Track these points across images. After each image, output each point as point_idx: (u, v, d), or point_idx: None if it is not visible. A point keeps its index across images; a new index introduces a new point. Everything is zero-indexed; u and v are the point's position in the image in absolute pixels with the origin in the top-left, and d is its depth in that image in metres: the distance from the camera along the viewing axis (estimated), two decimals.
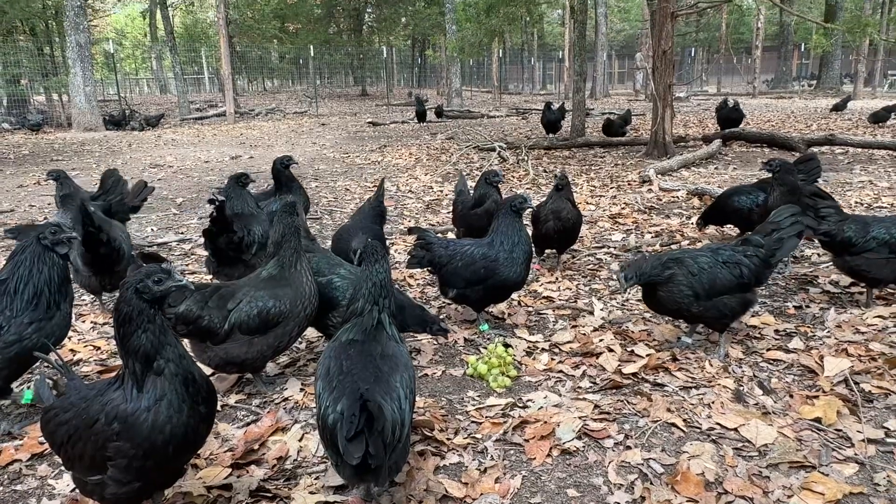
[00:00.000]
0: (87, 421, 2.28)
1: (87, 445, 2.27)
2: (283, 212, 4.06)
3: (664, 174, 9.89)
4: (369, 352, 2.62)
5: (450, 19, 26.06)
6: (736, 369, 3.70)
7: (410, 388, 2.56)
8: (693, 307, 3.76)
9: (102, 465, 2.27)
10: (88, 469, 2.32)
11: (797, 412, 3.21)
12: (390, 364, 2.58)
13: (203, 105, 31.72)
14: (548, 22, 55.41)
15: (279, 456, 3.01)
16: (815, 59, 38.61)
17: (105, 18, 51.93)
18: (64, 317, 3.32)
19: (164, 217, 8.48)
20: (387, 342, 2.70)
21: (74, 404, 2.37)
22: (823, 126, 15.95)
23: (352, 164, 12.82)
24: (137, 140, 18.65)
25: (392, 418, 2.32)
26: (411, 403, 2.54)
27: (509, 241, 4.26)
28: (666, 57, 11.45)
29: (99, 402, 2.29)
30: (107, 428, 2.23)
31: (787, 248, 3.98)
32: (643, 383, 3.59)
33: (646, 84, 29.70)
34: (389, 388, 2.44)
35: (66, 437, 2.33)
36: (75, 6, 20.78)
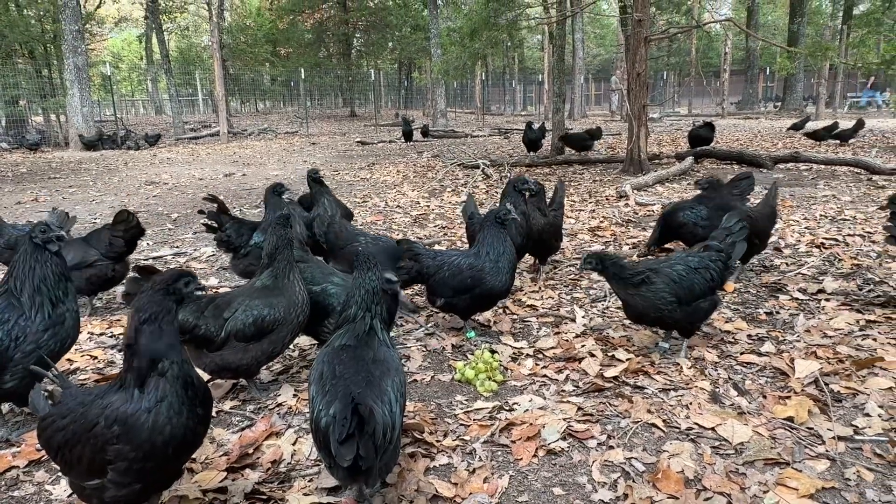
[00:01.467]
0: (86, 425, 2.23)
1: (86, 449, 2.22)
2: (276, 224, 4.05)
3: (640, 189, 9.98)
4: (361, 356, 2.60)
5: (434, 44, 26.25)
6: (712, 372, 3.71)
7: (401, 392, 2.53)
8: (676, 312, 3.80)
9: (102, 469, 2.22)
10: (87, 473, 2.27)
11: (771, 412, 3.22)
12: (381, 368, 2.55)
13: (197, 125, 31.61)
14: (528, 47, 56.03)
15: (273, 459, 2.97)
16: (780, 82, 39.29)
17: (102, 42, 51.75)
18: (74, 318, 3.27)
19: (159, 232, 8.40)
20: (378, 347, 2.68)
21: (72, 409, 2.32)
22: (788, 144, 16.20)
23: (342, 181, 12.80)
24: (133, 159, 18.52)
25: (383, 421, 2.29)
26: (402, 406, 2.51)
27: (495, 252, 4.27)
28: (640, 79, 11.59)
29: (98, 405, 2.25)
30: (107, 431, 2.18)
31: (738, 250, 4.12)
32: (624, 386, 3.59)
33: (621, 105, 30.05)
34: (381, 392, 2.42)
35: (63, 443, 2.27)
36: (73, 30, 20.68)
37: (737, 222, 4.17)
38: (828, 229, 7.02)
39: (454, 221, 8.39)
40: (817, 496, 2.60)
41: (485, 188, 11.23)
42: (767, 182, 10.48)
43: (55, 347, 3.18)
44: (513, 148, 18.51)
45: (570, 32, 29.77)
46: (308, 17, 44.18)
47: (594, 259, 3.98)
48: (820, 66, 22.54)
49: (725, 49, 31.52)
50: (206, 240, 7.79)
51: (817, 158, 12.10)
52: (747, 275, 5.56)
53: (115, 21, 48.92)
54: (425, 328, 4.64)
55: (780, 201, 8.71)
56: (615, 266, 3.93)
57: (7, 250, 5.29)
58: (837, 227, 7.15)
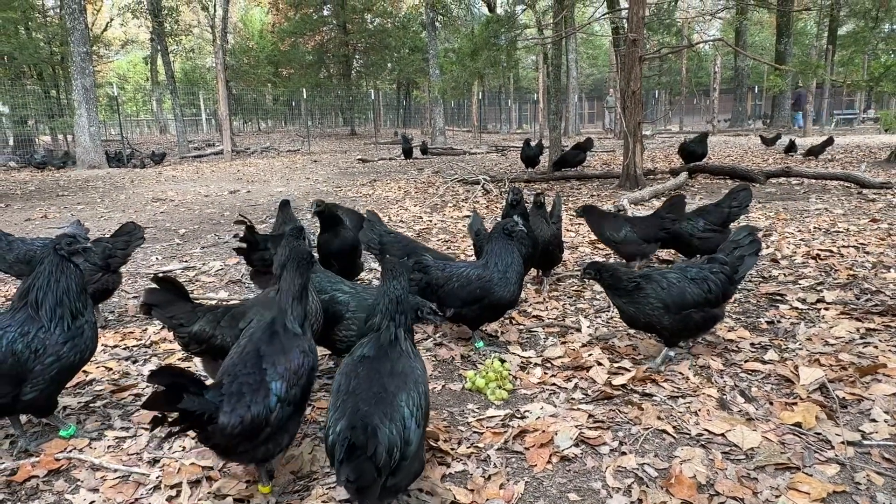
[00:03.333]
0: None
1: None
2: (289, 235, 4.06)
3: (637, 204, 10.00)
4: (378, 369, 2.54)
5: (433, 64, 26.45)
6: (718, 379, 3.70)
7: (420, 405, 2.45)
8: (664, 319, 3.79)
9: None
10: None
11: (778, 418, 3.21)
12: (398, 382, 2.49)
13: (201, 144, 31.69)
14: (523, 67, 56.39)
15: (292, 469, 2.94)
16: (768, 99, 39.56)
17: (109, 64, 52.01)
18: (92, 329, 3.25)
19: (168, 247, 8.38)
20: (398, 359, 2.62)
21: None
22: (778, 160, 16.29)
23: (344, 197, 12.81)
24: (139, 177, 18.53)
25: (388, 441, 2.23)
26: (420, 420, 2.43)
27: (503, 263, 4.27)
28: (635, 97, 11.67)
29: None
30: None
31: (747, 264, 4.02)
32: (633, 394, 3.58)
33: (615, 123, 30.23)
34: (392, 409, 2.35)
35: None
36: (81, 52, 20.79)
37: (747, 235, 4.08)
38: (822, 241, 7.04)
39: (457, 235, 8.40)
40: (829, 500, 2.58)
41: (485, 203, 11.24)
42: (761, 197, 10.54)
43: (75, 359, 3.16)
44: (510, 164, 18.57)
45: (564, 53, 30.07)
46: (309, 40, 44.46)
47: (593, 269, 4.02)
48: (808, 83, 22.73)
49: (715, 68, 31.81)
50: (215, 254, 7.79)
51: (808, 173, 12.16)
52: (747, 285, 5.57)
53: (122, 43, 49.20)
54: (434, 338, 4.63)
55: (775, 214, 8.76)
56: (612, 276, 3.96)
57: (18, 264, 5.26)
58: (832, 238, 7.17)
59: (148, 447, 3.22)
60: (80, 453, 3.15)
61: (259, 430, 2.53)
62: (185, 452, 3.14)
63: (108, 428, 3.41)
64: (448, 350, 4.37)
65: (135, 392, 3.86)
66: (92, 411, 3.62)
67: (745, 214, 6.41)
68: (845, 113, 37.56)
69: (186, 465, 2.99)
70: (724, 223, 6.00)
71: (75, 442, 3.25)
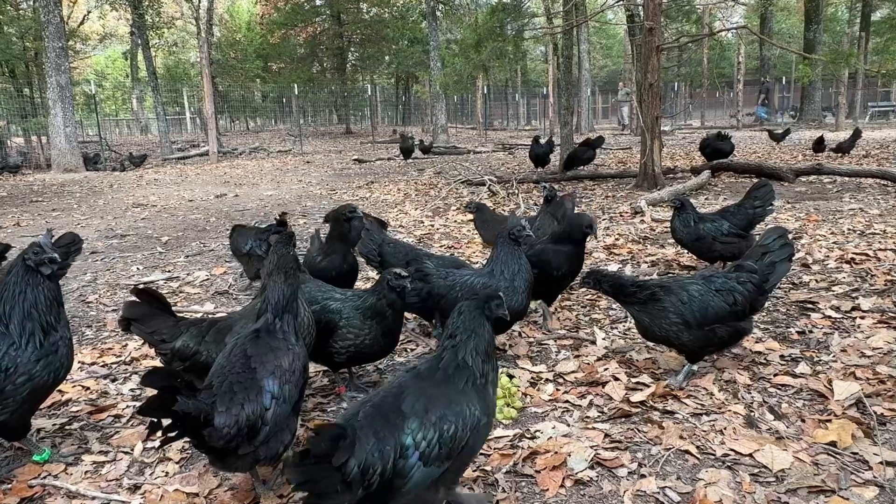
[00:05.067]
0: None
1: None
2: (278, 242, 4.06)
3: (655, 205, 10.00)
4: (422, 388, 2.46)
5: (434, 57, 26.55)
6: (745, 395, 3.69)
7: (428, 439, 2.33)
8: (683, 335, 3.77)
9: None
10: None
11: (811, 436, 3.20)
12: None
13: (185, 145, 31.81)
14: (531, 59, 56.59)
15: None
16: (796, 91, 39.56)
17: (86, 60, 52.33)
18: (67, 345, 3.25)
19: (149, 256, 8.41)
20: (452, 383, 2.49)
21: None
22: (809, 156, 16.27)
23: (339, 201, 12.83)
24: (119, 180, 18.61)
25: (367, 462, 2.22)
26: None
27: (509, 270, 4.26)
28: (653, 90, 11.68)
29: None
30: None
31: (779, 272, 3.96)
32: (652, 411, 3.57)
33: (631, 118, 30.25)
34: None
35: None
36: (56, 48, 20.90)
37: (777, 238, 4.00)
38: (857, 244, 7.02)
39: (461, 241, 8.41)
40: None
41: (492, 206, 11.24)
42: (790, 196, 10.53)
43: (49, 379, 3.16)
44: (518, 164, 18.59)
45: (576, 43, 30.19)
46: (300, 32, 44.71)
47: (591, 278, 4.02)
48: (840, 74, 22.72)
49: (738, 58, 31.75)
50: (200, 263, 7.81)
51: (841, 170, 12.14)
52: (776, 292, 5.55)
53: (100, 38, 49.57)
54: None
55: (806, 215, 8.74)
56: (613, 285, 3.95)
57: None
58: (867, 241, 7.15)
59: (128, 472, 3.22)
60: (55, 479, 3.16)
61: (256, 430, 2.62)
62: (169, 478, 3.14)
63: (85, 452, 3.42)
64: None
65: (114, 413, 3.86)
66: (68, 434, 3.63)
67: (772, 215, 6.39)
68: (881, 105, 37.51)
69: (170, 492, 2.99)
70: (749, 225, 5.99)
71: (50, 467, 3.25)
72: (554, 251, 4.92)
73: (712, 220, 6.01)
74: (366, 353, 3.84)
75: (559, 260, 4.89)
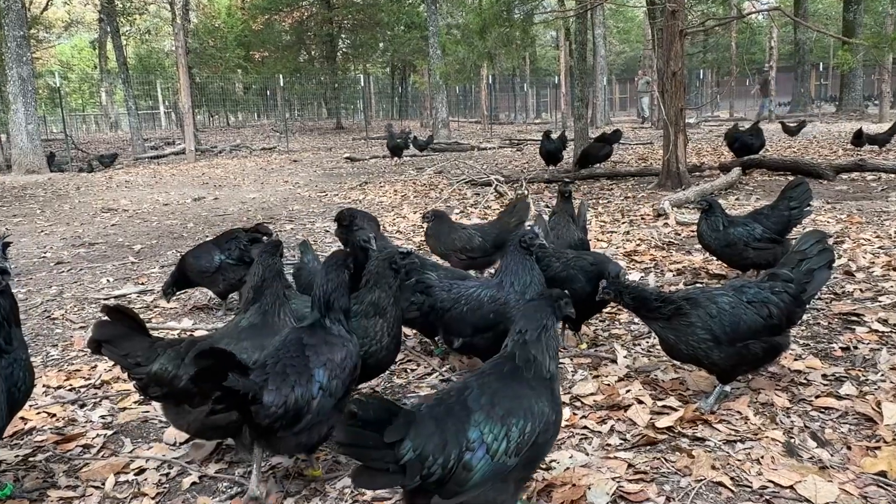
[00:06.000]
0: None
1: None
2: (264, 252, 4.06)
3: (681, 206, 10.01)
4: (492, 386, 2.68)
5: (433, 44, 26.59)
6: (784, 419, 3.68)
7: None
8: (713, 353, 3.76)
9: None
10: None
11: (858, 465, 3.19)
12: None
13: (159, 143, 31.92)
14: (540, 45, 56.72)
15: None
16: (835, 79, 39.62)
17: (50, 50, 52.54)
18: (24, 369, 3.23)
19: (120, 266, 8.42)
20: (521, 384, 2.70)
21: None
22: (850, 151, 16.26)
23: (330, 204, 12.87)
24: (86, 182, 18.66)
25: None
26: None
27: (520, 282, 4.26)
28: (676, 78, 11.70)
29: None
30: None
31: (818, 280, 3.95)
32: (681, 438, 3.56)
33: (652, 109, 30.28)
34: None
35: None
36: (17, 37, 20.99)
37: (815, 243, 3.97)
38: None
39: None
40: None
41: (498, 208, 11.25)
42: (830, 196, 10.52)
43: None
44: (527, 161, 18.63)
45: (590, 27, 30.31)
46: (286, 16, 44.86)
47: (611, 288, 4.00)
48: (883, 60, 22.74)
49: (771, 43, 31.93)
50: None
51: (887, 167, 12.15)
52: (816, 304, 5.54)
53: (65, 25, 49.80)
54: (440, 373, 4.61)
55: (848, 217, 8.74)
56: (636, 297, 3.93)
57: None
58: None
59: None
60: None
61: (300, 416, 2.97)
62: None
63: (51, 486, 3.41)
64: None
65: (83, 442, 3.86)
66: (32, 466, 3.62)
67: (810, 217, 6.39)
68: None
69: None
70: (785, 229, 5.98)
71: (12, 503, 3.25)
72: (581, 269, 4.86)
73: (744, 224, 6.00)
74: (373, 362, 3.79)
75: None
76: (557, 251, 5.12)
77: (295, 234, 9.99)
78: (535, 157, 17.77)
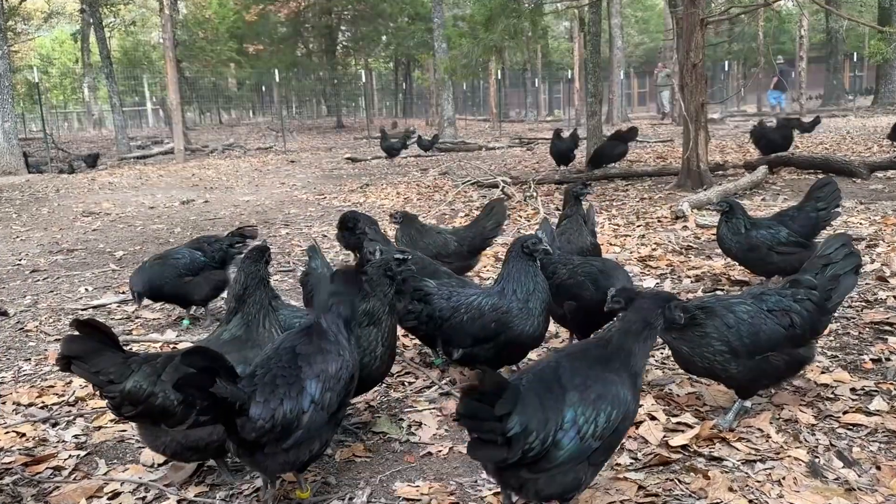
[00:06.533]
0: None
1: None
2: (246, 259, 4.05)
3: (701, 208, 9.97)
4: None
5: (438, 36, 26.64)
6: (808, 437, 3.65)
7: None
8: (730, 366, 3.74)
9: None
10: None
11: (888, 487, 3.16)
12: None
13: (146, 142, 32.12)
14: (552, 36, 56.74)
15: None
16: (871, 70, 39.48)
17: (28, 42, 52.87)
18: None
19: (100, 274, 8.44)
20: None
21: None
22: (886, 147, 16.18)
23: (329, 207, 12.89)
24: (67, 184, 18.75)
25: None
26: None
27: (523, 290, 4.25)
28: (696, 71, 11.66)
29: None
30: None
31: (844, 287, 3.92)
32: (696, 457, 3.53)
33: (672, 104, 30.24)
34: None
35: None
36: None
37: (840, 247, 3.94)
38: None
39: None
40: None
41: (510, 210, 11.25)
42: (864, 195, 10.47)
43: None
44: (538, 161, 18.63)
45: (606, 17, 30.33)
46: (281, 7, 44.96)
47: (621, 297, 3.89)
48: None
49: (801, 32, 31.82)
50: None
51: None
52: (845, 312, 5.50)
53: (45, 16, 50.07)
54: (439, 386, 4.60)
55: (882, 218, 8.69)
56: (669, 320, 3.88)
57: None
58: None
59: None
60: None
61: (289, 431, 2.95)
62: None
63: None
64: (457, 401, 4.33)
65: (54, 464, 3.85)
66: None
67: (839, 218, 6.36)
68: None
69: None
70: (812, 232, 5.95)
71: None
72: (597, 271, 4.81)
73: (767, 227, 5.98)
74: (366, 374, 3.79)
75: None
76: (564, 257, 5.09)
77: (290, 240, 10.01)
78: (546, 157, 17.77)
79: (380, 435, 3.99)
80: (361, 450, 3.80)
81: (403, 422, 4.12)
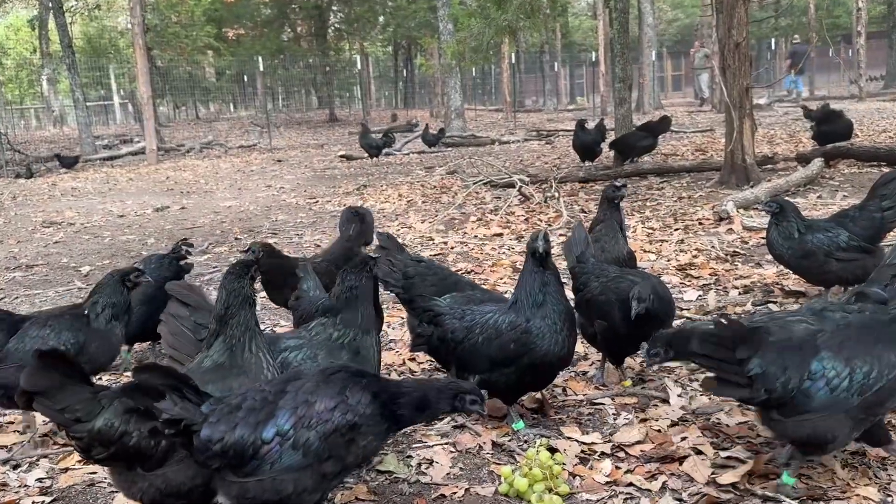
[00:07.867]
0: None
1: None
2: (229, 274, 4.03)
3: (747, 208, 9.96)
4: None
5: (443, 16, 26.71)
6: (879, 473, 3.63)
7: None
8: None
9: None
10: None
11: None
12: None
13: (113, 141, 32.25)
14: (574, 14, 56.83)
15: None
16: None
17: None
18: None
19: (65, 293, 8.46)
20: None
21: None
22: None
23: (321, 213, 12.93)
24: (25, 190, 18.87)
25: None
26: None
27: (532, 301, 4.21)
28: (740, 51, 11.65)
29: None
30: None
31: None
32: (750, 497, 3.52)
33: (713, 88, 30.20)
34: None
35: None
36: None
37: None
38: None
39: (483, 263, 8.41)
40: None
41: (523, 215, 11.26)
42: None
43: None
44: (559, 157, 18.64)
45: None
46: None
47: (660, 344, 3.76)
48: None
49: (858, 4, 31.77)
50: None
51: None
52: None
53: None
54: (453, 418, 4.59)
55: None
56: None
57: None
58: None
59: None
60: None
61: (244, 461, 2.93)
62: None
63: None
64: (473, 436, 4.33)
65: None
66: None
67: None
68: None
69: None
70: (876, 235, 5.92)
71: None
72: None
73: (825, 230, 5.95)
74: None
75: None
76: (599, 267, 5.06)
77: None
78: (569, 152, 17.78)
79: (385, 474, 3.97)
80: (365, 492, 3.79)
81: (412, 459, 4.11)
